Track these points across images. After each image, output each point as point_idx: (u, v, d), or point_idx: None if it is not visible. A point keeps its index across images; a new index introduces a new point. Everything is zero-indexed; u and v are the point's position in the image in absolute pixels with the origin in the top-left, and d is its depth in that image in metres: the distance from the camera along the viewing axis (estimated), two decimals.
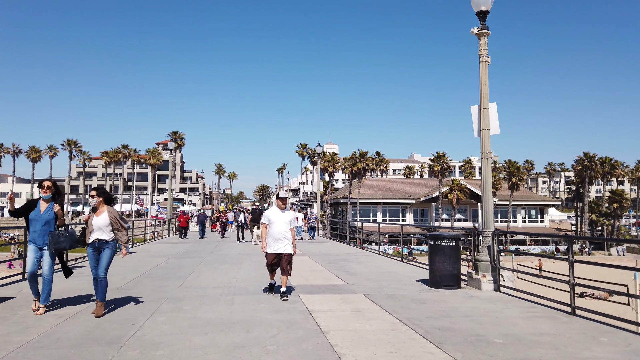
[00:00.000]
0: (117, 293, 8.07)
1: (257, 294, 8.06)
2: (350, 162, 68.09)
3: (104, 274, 6.45)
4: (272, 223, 7.68)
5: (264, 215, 7.88)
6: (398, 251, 40.36)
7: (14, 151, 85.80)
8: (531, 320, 6.21)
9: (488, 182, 9.15)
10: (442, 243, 8.81)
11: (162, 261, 13.23)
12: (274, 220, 7.67)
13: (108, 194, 6.68)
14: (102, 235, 6.39)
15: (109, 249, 6.47)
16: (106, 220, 6.38)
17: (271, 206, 53.26)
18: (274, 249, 7.61)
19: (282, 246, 7.61)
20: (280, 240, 7.61)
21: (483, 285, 8.65)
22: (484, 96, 9.19)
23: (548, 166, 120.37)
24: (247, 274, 10.70)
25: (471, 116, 9.45)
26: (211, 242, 21.12)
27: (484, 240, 8.95)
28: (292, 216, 7.89)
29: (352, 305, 7.07)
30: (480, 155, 9.18)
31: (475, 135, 9.37)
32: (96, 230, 6.37)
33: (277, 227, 7.62)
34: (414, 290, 8.59)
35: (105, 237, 6.39)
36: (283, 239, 7.62)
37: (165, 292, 8.22)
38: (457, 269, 8.86)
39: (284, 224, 7.67)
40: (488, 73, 9.24)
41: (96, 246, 6.41)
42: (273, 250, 7.62)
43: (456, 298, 7.81)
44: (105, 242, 6.41)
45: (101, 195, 6.54)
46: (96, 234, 6.38)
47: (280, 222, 7.65)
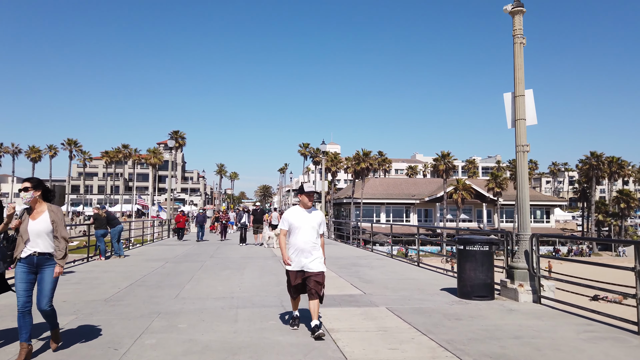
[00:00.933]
0: (104, 306, 7.03)
1: (264, 306, 7.02)
2: (354, 161, 67.01)
3: (49, 304, 4.55)
4: (295, 229, 5.52)
5: (282, 218, 5.72)
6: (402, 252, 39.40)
7: (13, 151, 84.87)
8: (596, 344, 5.16)
9: (524, 178, 8.11)
10: (473, 248, 7.76)
11: (158, 266, 12.20)
12: (297, 225, 5.50)
13: (46, 186, 4.78)
14: (43, 247, 4.47)
15: (54, 267, 4.53)
16: (47, 225, 4.51)
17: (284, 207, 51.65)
18: (298, 265, 5.46)
19: (311, 261, 5.43)
20: (307, 253, 5.44)
21: (520, 297, 7.60)
22: (519, 82, 8.15)
23: (552, 166, 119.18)
24: (250, 281, 9.66)
25: (504, 105, 8.41)
26: (211, 245, 20.10)
27: (520, 244, 7.90)
28: (321, 218, 5.66)
29: (377, 323, 6.02)
30: (515, 148, 8.14)
31: (509, 126, 8.33)
32: (33, 239, 4.46)
33: (302, 235, 5.46)
34: (442, 302, 7.54)
35: (49, 249, 4.52)
36: (312, 251, 5.45)
37: (159, 304, 7.18)
38: (491, 278, 7.81)
39: (312, 229, 5.49)
40: (523, 56, 8.21)
41: (34, 262, 4.45)
42: (298, 266, 5.46)
43: (494, 312, 6.76)
44: (49, 257, 4.53)
45: (38, 187, 4.59)
46: (33, 244, 4.46)
47: (306, 226, 5.48)
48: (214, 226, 32.06)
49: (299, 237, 5.50)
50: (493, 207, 63.41)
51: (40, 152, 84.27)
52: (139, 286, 8.93)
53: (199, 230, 22.61)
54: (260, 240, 19.34)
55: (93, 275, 10.43)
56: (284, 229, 5.68)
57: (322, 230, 5.65)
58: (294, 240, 5.53)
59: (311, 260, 5.45)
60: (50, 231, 4.53)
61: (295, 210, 5.65)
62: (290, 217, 5.60)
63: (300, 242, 5.48)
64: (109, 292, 8.25)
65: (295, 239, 5.53)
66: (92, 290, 8.40)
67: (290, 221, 5.59)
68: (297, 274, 5.48)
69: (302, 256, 5.44)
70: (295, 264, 5.49)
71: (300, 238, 5.48)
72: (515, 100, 8.18)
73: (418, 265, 12.55)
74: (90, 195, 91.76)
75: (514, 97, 8.21)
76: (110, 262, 13.38)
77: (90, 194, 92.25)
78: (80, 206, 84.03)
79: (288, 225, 5.62)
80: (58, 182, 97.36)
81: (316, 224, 5.56)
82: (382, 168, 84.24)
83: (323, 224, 5.68)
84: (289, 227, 5.62)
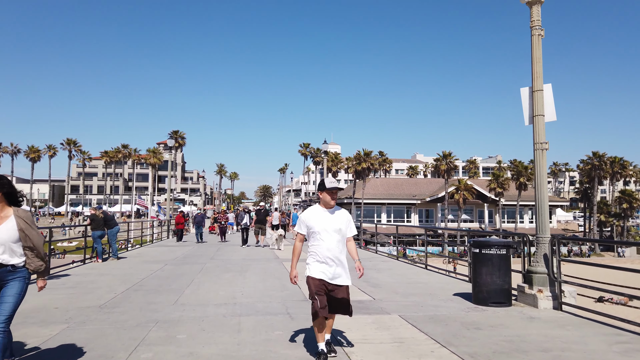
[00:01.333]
0: (98, 313, 6.59)
1: (269, 314, 6.58)
2: (355, 161, 66.60)
3: (6, 323, 3.74)
4: (315, 234, 4.47)
5: (299, 221, 4.66)
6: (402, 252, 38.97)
7: (12, 151, 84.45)
8: (632, 357, 4.73)
9: (543, 178, 7.67)
10: (489, 251, 7.33)
11: (157, 268, 11.77)
12: (318, 229, 4.46)
13: (12, 187, 3.94)
14: (6, 258, 3.79)
15: (17, 282, 3.82)
16: (13, 233, 3.80)
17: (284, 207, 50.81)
18: (322, 273, 4.46)
19: (335, 272, 4.45)
20: (331, 263, 4.43)
21: (540, 303, 7.16)
22: (538, 76, 7.72)
23: (553, 166, 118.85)
24: (253, 285, 9.23)
25: (520, 101, 7.98)
26: (211, 246, 19.66)
27: (539, 247, 7.47)
28: (347, 218, 4.63)
29: (391, 333, 5.59)
30: (534, 146, 7.69)
31: (526, 122, 7.90)
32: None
33: (326, 241, 4.43)
34: (457, 308, 7.11)
35: (13, 259, 3.82)
36: (336, 262, 4.44)
37: (157, 311, 6.75)
38: (508, 283, 7.38)
39: (336, 233, 4.46)
40: (541, 49, 7.78)
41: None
42: (321, 274, 4.46)
43: (514, 320, 6.33)
44: (12, 270, 3.81)
45: (1, 188, 3.83)
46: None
47: (329, 230, 4.45)
48: (213, 227, 31.56)
49: (321, 243, 4.44)
50: (494, 207, 63.03)
51: (39, 152, 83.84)
52: (136, 291, 8.49)
53: (197, 231, 22.14)
54: (263, 242, 18.84)
55: (89, 279, 10.01)
56: (301, 233, 4.60)
57: (352, 233, 4.61)
58: (315, 247, 4.49)
59: (336, 270, 4.45)
60: (16, 240, 3.81)
61: (315, 211, 4.57)
62: (309, 219, 4.52)
63: (323, 249, 4.42)
64: (104, 297, 7.81)
65: (317, 246, 4.47)
66: (87, 296, 7.97)
67: (309, 224, 4.52)
68: (318, 281, 4.43)
69: (325, 265, 4.43)
70: (317, 273, 4.44)
71: (324, 245, 4.42)
72: (533, 96, 7.75)
73: (425, 267, 12.12)
74: (90, 195, 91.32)
75: (532, 92, 7.78)
76: (107, 264, 12.95)
77: (90, 194, 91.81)
78: (80, 206, 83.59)
79: (306, 229, 4.55)
80: (57, 182, 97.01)
81: (342, 227, 4.50)
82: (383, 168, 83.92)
83: (351, 225, 4.61)
84: (307, 230, 4.54)
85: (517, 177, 63.65)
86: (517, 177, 63.65)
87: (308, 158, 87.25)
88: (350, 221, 4.62)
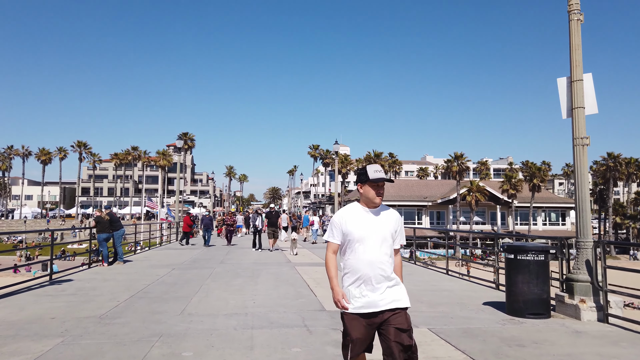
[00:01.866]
0: (97, 325, 6.02)
1: (284, 326, 5.97)
2: (365, 163, 66.01)
3: None
4: (354, 242, 3.18)
5: (331, 224, 3.32)
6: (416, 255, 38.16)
7: (23, 153, 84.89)
8: None
9: (584, 176, 6.98)
10: (526, 257, 6.65)
11: (164, 273, 11.22)
12: (359, 236, 3.17)
13: None
14: None
15: None
16: None
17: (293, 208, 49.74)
18: (363, 303, 3.09)
19: (384, 294, 3.11)
20: (378, 284, 3.11)
21: (583, 314, 6.47)
22: (577, 65, 7.04)
23: (566, 167, 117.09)
24: (265, 291, 8.63)
25: (557, 92, 7.30)
26: (220, 249, 19.09)
27: (581, 253, 6.78)
28: (397, 221, 3.32)
29: (424, 351, 4.93)
30: (573, 141, 7.01)
31: (564, 115, 7.22)
32: None
33: (368, 252, 3.15)
34: (490, 320, 6.44)
35: None
36: (384, 278, 3.14)
37: (161, 322, 6.17)
38: (547, 292, 6.70)
39: (383, 241, 3.18)
40: (581, 35, 7.10)
41: None
42: (361, 306, 3.08)
43: (559, 335, 5.65)
44: None
45: None
46: None
47: (374, 237, 3.17)
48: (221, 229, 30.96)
49: (363, 255, 3.10)
50: (507, 209, 61.93)
51: (50, 154, 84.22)
52: (140, 298, 7.93)
53: (204, 234, 21.33)
54: (276, 246, 18.06)
55: (91, 285, 9.47)
56: (333, 242, 3.24)
57: (400, 243, 3.28)
58: (354, 261, 3.14)
59: (385, 292, 3.08)
60: None
61: (353, 211, 3.24)
62: (346, 222, 3.19)
63: (365, 263, 3.09)
64: (105, 306, 7.25)
65: (356, 260, 3.13)
66: (87, 304, 7.41)
67: (345, 229, 3.18)
68: (362, 320, 3.04)
69: (369, 288, 3.07)
70: (356, 302, 3.06)
71: (364, 257, 3.09)
72: (572, 86, 7.07)
73: (447, 273, 11.44)
74: (100, 197, 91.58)
75: (570, 83, 7.11)
76: (112, 268, 12.43)
77: (100, 196, 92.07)
78: (90, 208, 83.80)
79: (341, 236, 3.21)
80: (68, 185, 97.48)
81: (390, 232, 3.18)
82: (393, 170, 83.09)
83: (400, 231, 3.29)
84: (342, 237, 3.21)
85: (530, 178, 62.55)
86: (530, 178, 62.55)
87: (317, 160, 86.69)
88: (401, 226, 3.32)
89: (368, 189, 3.21)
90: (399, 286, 3.18)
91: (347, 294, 3.12)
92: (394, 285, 3.16)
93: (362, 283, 3.11)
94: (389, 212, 3.30)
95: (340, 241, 3.24)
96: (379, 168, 3.24)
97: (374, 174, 3.19)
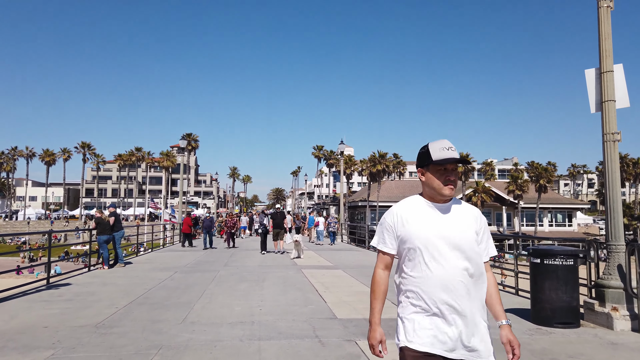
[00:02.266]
0: (93, 335, 5.58)
1: (293, 337, 5.52)
2: (369, 163, 65.50)
3: None
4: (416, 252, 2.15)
5: (381, 225, 2.30)
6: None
7: (27, 154, 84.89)
8: None
9: (615, 174, 6.49)
10: (553, 262, 6.17)
11: (165, 277, 10.79)
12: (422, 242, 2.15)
13: None
14: None
15: None
16: None
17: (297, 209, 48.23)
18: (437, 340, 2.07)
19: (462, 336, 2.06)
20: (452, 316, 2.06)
21: (616, 324, 5.99)
22: (607, 55, 6.56)
23: (571, 168, 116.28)
24: (272, 298, 8.18)
25: (585, 84, 6.82)
26: (224, 252, 18.64)
27: (612, 257, 6.29)
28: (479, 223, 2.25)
29: None
30: (603, 137, 6.53)
31: (593, 109, 6.74)
32: None
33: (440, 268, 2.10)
34: (517, 330, 5.94)
35: None
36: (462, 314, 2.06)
37: (161, 332, 5.73)
38: (576, 300, 6.23)
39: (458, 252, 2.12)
40: (611, 24, 6.63)
41: None
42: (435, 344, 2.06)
43: (593, 348, 5.17)
44: None
45: None
46: None
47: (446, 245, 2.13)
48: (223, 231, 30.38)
49: (429, 273, 2.12)
50: (513, 210, 61.34)
51: (54, 155, 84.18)
52: (140, 304, 7.50)
53: (205, 237, 20.59)
54: (281, 248, 17.49)
55: (90, 289, 9.06)
56: (386, 252, 2.28)
57: (489, 253, 2.26)
58: (417, 281, 2.15)
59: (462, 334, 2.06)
60: None
61: (414, 207, 2.25)
62: (404, 223, 2.22)
63: (433, 285, 2.10)
64: (103, 313, 6.83)
65: (419, 280, 2.14)
66: (84, 311, 6.98)
67: (403, 232, 2.21)
68: None
69: (441, 322, 2.08)
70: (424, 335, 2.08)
71: (432, 276, 2.11)
72: (601, 78, 6.59)
73: None
74: (104, 198, 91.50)
75: (600, 74, 6.63)
76: (113, 271, 12.02)
77: (104, 197, 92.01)
78: (94, 209, 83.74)
79: (396, 242, 2.25)
80: (72, 186, 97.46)
81: (470, 237, 2.17)
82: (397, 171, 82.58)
83: (485, 235, 2.27)
84: (398, 246, 2.25)
85: (537, 179, 61.90)
86: (537, 179, 61.90)
87: (321, 160, 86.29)
88: (485, 227, 2.28)
89: (431, 176, 2.20)
90: (481, 331, 2.09)
91: (408, 327, 2.12)
92: (474, 326, 2.07)
93: (430, 312, 2.09)
94: (464, 207, 2.26)
95: (395, 250, 2.25)
96: (446, 144, 2.22)
97: (439, 152, 2.18)
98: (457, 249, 2.13)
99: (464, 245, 2.15)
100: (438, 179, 2.19)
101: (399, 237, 2.23)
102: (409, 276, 2.19)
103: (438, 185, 2.19)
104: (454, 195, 2.23)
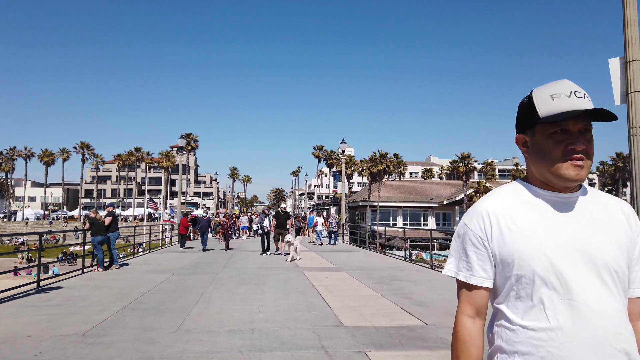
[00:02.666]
0: (78, 345, 5.12)
1: (297, 347, 5.06)
2: (370, 163, 65.08)
3: None
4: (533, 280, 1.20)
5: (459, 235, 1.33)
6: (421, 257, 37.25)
7: (26, 154, 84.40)
8: None
9: None
10: None
11: (162, 279, 10.34)
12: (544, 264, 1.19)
13: None
14: None
15: None
16: None
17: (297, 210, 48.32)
18: None
19: None
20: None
21: None
22: (633, 42, 6.13)
23: None
24: (274, 302, 7.73)
25: (610, 75, 6.38)
26: (223, 253, 18.16)
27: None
28: (630, 217, 1.29)
29: None
30: (629, 130, 6.10)
31: (617, 102, 6.29)
32: None
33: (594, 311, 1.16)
34: None
35: None
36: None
37: (154, 341, 5.27)
38: None
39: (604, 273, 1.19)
40: (637, 9, 6.19)
41: None
42: None
43: None
44: None
45: None
46: None
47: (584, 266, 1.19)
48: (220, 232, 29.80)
49: (566, 319, 1.16)
50: None
51: (53, 155, 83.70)
52: (133, 310, 7.04)
53: (201, 238, 19.97)
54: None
55: (81, 293, 8.61)
56: (476, 285, 1.29)
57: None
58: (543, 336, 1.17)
59: None
60: None
61: (518, 200, 1.30)
62: (502, 230, 1.26)
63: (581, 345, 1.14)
64: (92, 320, 6.37)
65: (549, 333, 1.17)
66: (72, 318, 6.53)
67: (503, 247, 1.25)
68: None
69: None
70: None
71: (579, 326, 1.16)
72: (626, 67, 6.16)
73: None
74: (104, 199, 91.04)
75: (625, 64, 6.19)
76: (107, 274, 11.57)
77: (103, 198, 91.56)
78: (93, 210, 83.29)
79: (491, 263, 1.29)
80: (71, 186, 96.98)
81: (616, 252, 1.22)
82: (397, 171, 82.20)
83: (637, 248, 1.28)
84: (495, 272, 1.29)
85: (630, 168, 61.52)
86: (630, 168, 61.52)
87: (321, 160, 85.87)
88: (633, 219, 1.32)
89: (541, 143, 1.28)
90: None
91: None
92: None
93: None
94: (603, 200, 1.34)
95: (492, 279, 1.30)
96: (566, 87, 1.27)
97: (550, 102, 1.26)
98: (607, 273, 1.20)
99: (614, 266, 1.21)
100: (552, 150, 1.24)
101: (496, 255, 1.27)
102: (517, 326, 1.21)
103: (552, 160, 1.24)
104: (584, 178, 1.25)
